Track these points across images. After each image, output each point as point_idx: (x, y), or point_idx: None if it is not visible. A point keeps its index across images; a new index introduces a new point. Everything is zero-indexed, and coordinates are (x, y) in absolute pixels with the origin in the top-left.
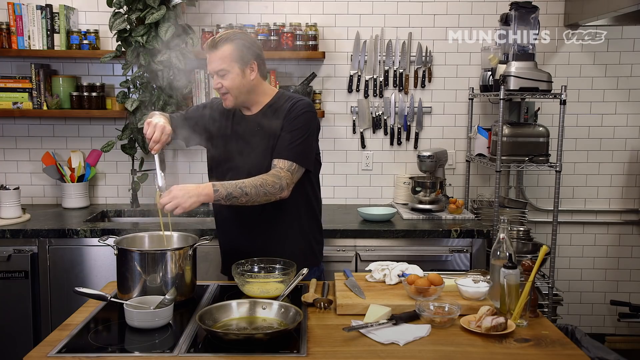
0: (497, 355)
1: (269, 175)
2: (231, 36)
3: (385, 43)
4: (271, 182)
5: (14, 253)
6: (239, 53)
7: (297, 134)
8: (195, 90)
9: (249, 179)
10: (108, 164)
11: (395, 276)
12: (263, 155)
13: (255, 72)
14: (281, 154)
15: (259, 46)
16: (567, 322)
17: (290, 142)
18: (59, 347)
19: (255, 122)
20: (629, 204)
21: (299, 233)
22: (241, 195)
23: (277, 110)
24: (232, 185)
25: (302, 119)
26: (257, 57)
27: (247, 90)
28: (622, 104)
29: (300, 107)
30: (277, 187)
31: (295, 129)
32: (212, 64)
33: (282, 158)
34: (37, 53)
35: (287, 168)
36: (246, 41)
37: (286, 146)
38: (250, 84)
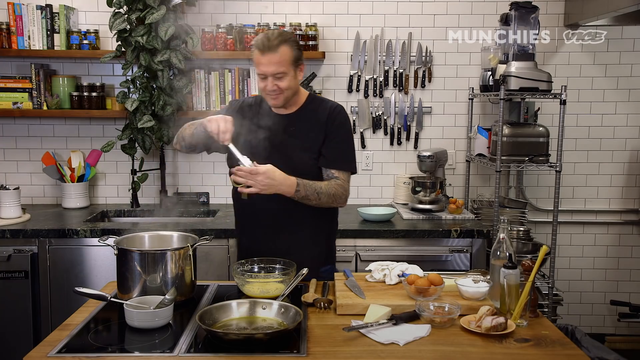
0: (497, 355)
1: (338, 187)
2: (285, 37)
3: (385, 43)
4: (340, 194)
5: (14, 253)
6: (295, 55)
7: (347, 144)
8: (195, 90)
9: (325, 185)
10: (108, 164)
11: (395, 276)
12: (301, 154)
13: (302, 73)
14: (338, 164)
15: (300, 48)
16: (567, 322)
17: (344, 152)
18: (59, 347)
19: (293, 120)
20: (629, 204)
21: (324, 233)
22: (314, 199)
23: (315, 112)
24: (311, 189)
25: (347, 127)
26: (300, 60)
27: (295, 91)
28: (622, 104)
29: (341, 114)
30: (343, 199)
31: (344, 139)
32: (269, 67)
33: (341, 170)
34: (37, 53)
35: (347, 179)
36: (297, 43)
37: (342, 157)
38: (298, 85)
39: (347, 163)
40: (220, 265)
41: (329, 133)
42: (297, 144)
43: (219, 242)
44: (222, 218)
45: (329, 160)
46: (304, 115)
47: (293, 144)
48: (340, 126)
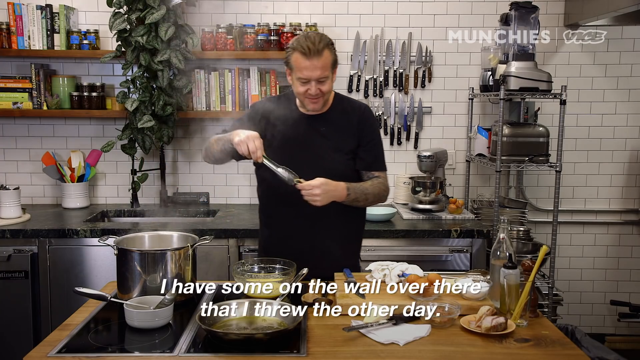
0: (497, 355)
1: (382, 185)
2: (326, 40)
3: (385, 43)
4: (384, 192)
5: (14, 253)
6: (334, 58)
7: (380, 144)
8: (195, 90)
9: (370, 186)
10: (108, 164)
11: (395, 276)
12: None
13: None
14: (377, 165)
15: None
16: (567, 322)
17: (380, 153)
18: (59, 347)
19: (323, 121)
20: (629, 204)
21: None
22: (363, 200)
23: (345, 113)
24: (360, 192)
25: (377, 127)
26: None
27: (329, 92)
28: (622, 104)
29: (372, 115)
30: (386, 196)
31: (378, 140)
32: (314, 71)
33: (380, 170)
34: (37, 53)
35: (386, 176)
36: (333, 44)
37: (379, 158)
38: (331, 89)
39: (384, 162)
40: (220, 265)
41: (363, 136)
42: (329, 145)
43: (219, 242)
44: (222, 218)
45: (369, 163)
46: (335, 116)
47: (325, 144)
48: (373, 128)
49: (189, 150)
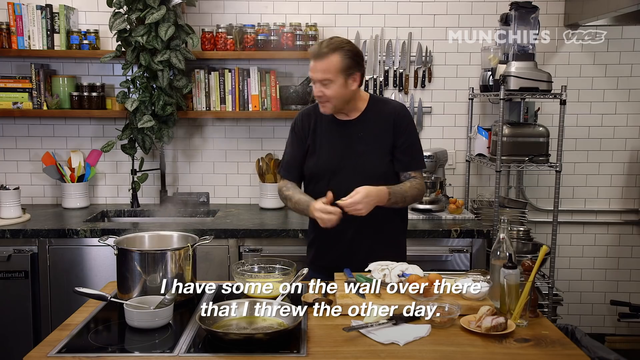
0: (497, 355)
1: (419, 185)
2: (336, 45)
3: (385, 43)
4: (421, 192)
5: (14, 253)
6: (346, 64)
7: (417, 143)
8: (195, 90)
9: (408, 188)
10: (108, 164)
11: (395, 276)
12: (373, 158)
13: (357, 83)
14: (414, 165)
15: (362, 56)
16: (567, 322)
17: (417, 152)
18: (59, 347)
19: (359, 126)
20: (629, 204)
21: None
22: (401, 202)
23: (380, 114)
24: (400, 195)
25: (413, 126)
26: (361, 69)
27: (347, 100)
28: (622, 104)
29: (407, 114)
30: (422, 195)
31: (415, 139)
32: (316, 73)
33: (417, 169)
34: (37, 53)
35: (422, 176)
36: (352, 52)
37: (416, 157)
38: (351, 94)
39: (421, 162)
40: (220, 265)
41: (399, 136)
42: (367, 149)
43: (219, 242)
44: (222, 218)
45: (405, 164)
46: (370, 119)
47: (363, 149)
48: (409, 128)
49: (189, 150)
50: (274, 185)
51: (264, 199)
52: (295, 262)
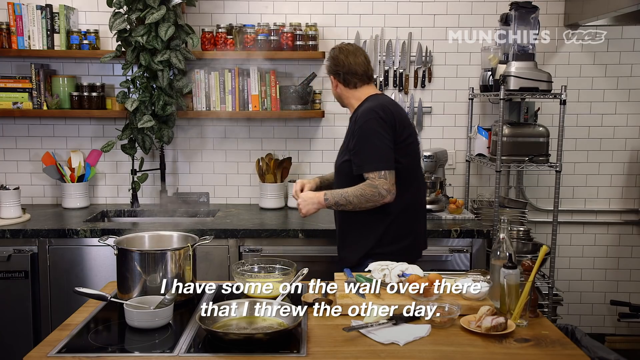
0: (497, 355)
1: (366, 187)
2: (331, 49)
3: (385, 43)
4: (369, 192)
5: (14, 253)
6: (327, 66)
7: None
8: (195, 90)
9: (351, 189)
10: (108, 164)
11: (395, 276)
12: (339, 156)
13: (336, 84)
14: (363, 167)
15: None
16: (567, 322)
17: (364, 153)
18: (59, 347)
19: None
20: (629, 204)
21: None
22: (347, 203)
23: (355, 115)
24: (338, 195)
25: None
26: (334, 73)
27: (337, 96)
28: (622, 104)
29: (363, 116)
30: (379, 195)
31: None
32: None
33: (367, 171)
34: (37, 53)
35: (377, 177)
36: (329, 56)
37: (363, 159)
38: (336, 92)
39: (369, 163)
40: (220, 265)
41: (351, 139)
42: (341, 147)
43: (219, 242)
44: (222, 218)
45: (354, 165)
46: (352, 119)
47: (342, 145)
48: (361, 128)
49: (189, 150)
50: (274, 185)
51: (264, 199)
52: (295, 262)
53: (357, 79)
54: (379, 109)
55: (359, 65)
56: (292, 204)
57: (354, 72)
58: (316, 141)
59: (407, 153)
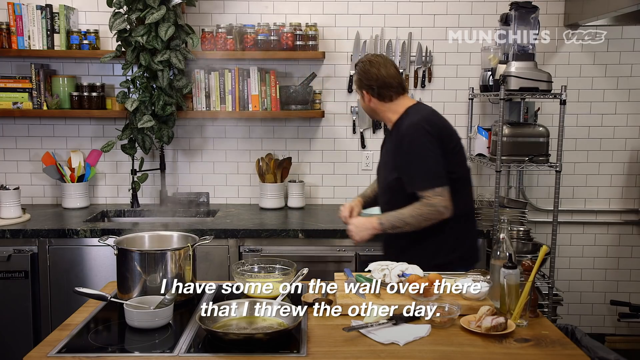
0: (497, 355)
1: (423, 205)
2: (358, 63)
3: (385, 43)
4: (427, 212)
5: (14, 253)
6: (356, 81)
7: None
8: (195, 90)
9: (407, 210)
10: (108, 164)
11: (395, 276)
12: (386, 172)
13: (367, 99)
14: (416, 185)
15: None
16: (567, 322)
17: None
18: (59, 347)
19: (388, 139)
20: (629, 204)
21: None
22: (404, 225)
23: (397, 131)
24: (395, 218)
25: (414, 145)
26: (366, 88)
27: (370, 110)
28: (622, 104)
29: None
30: (436, 213)
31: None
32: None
33: (422, 189)
34: (37, 53)
35: (433, 195)
36: (358, 71)
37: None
38: (369, 106)
39: (422, 181)
40: (220, 265)
41: (398, 156)
42: (386, 162)
43: (219, 242)
44: (222, 218)
45: (407, 183)
46: (393, 134)
47: (385, 161)
48: (407, 147)
49: (189, 150)
50: (273, 185)
51: (264, 199)
52: (295, 262)
53: (393, 92)
54: (425, 123)
55: (393, 77)
56: (292, 204)
57: (389, 85)
58: (316, 141)
59: (457, 162)
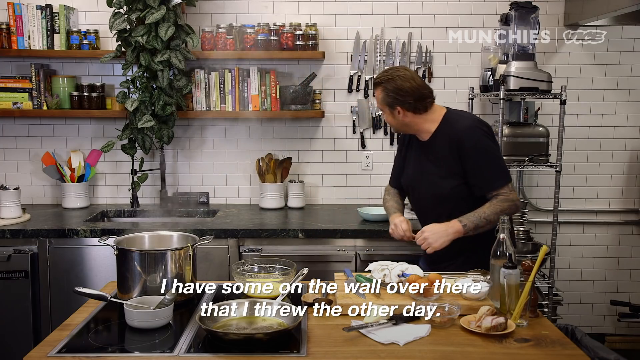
0: (497, 355)
1: (503, 202)
2: (382, 79)
3: (385, 43)
4: (508, 206)
5: (14, 253)
6: (385, 99)
7: (489, 163)
8: (195, 90)
9: (488, 208)
10: (108, 164)
11: (395, 276)
12: (441, 181)
13: (403, 114)
14: (492, 185)
15: (406, 92)
16: (567, 322)
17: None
18: (59, 347)
19: (430, 148)
20: (629, 204)
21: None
22: (486, 224)
23: (447, 136)
24: (478, 218)
25: (481, 145)
26: (403, 103)
27: (402, 126)
28: (622, 104)
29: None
30: (514, 207)
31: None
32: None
33: (498, 188)
34: (37, 53)
35: (508, 189)
36: (390, 89)
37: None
38: (402, 122)
39: (499, 180)
40: (220, 265)
41: (465, 161)
42: (437, 171)
43: (219, 242)
44: (222, 218)
45: (481, 186)
46: (439, 141)
47: (434, 171)
48: (475, 148)
49: (189, 150)
50: (273, 185)
51: (264, 199)
52: (295, 262)
53: (428, 102)
54: (480, 124)
55: (424, 86)
56: (292, 204)
57: (424, 96)
58: (316, 141)
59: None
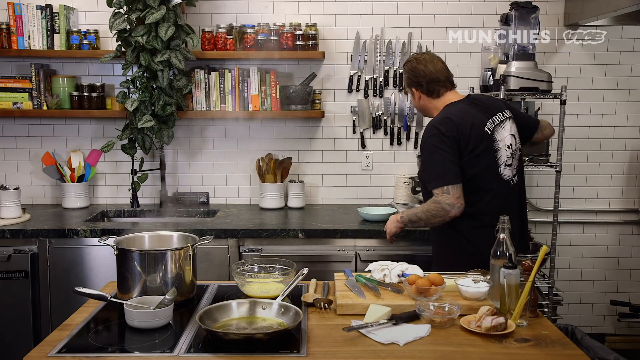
0: (497, 355)
1: (431, 203)
2: (406, 62)
3: (385, 43)
4: (435, 208)
5: (14, 253)
6: (405, 79)
7: (428, 162)
8: (195, 90)
9: (420, 206)
10: (108, 164)
11: (395, 276)
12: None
13: (417, 97)
14: (428, 185)
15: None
16: (567, 322)
17: (428, 171)
18: (59, 347)
19: None
20: (629, 204)
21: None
22: (418, 220)
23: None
24: (411, 214)
25: (427, 144)
26: (415, 85)
27: (419, 108)
28: (622, 104)
29: (426, 132)
30: (441, 210)
31: (425, 159)
32: None
33: (432, 188)
34: (37, 53)
35: (440, 192)
36: (407, 69)
37: (428, 176)
38: (418, 104)
39: (432, 181)
40: (220, 265)
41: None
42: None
43: (219, 242)
44: (222, 218)
45: (423, 183)
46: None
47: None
48: (422, 147)
49: (189, 150)
50: (273, 185)
51: (264, 199)
52: (295, 262)
53: (441, 86)
54: (440, 124)
55: (440, 71)
56: (292, 204)
57: (436, 79)
58: (316, 141)
59: (476, 164)
